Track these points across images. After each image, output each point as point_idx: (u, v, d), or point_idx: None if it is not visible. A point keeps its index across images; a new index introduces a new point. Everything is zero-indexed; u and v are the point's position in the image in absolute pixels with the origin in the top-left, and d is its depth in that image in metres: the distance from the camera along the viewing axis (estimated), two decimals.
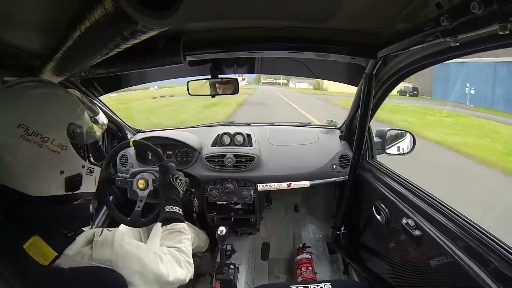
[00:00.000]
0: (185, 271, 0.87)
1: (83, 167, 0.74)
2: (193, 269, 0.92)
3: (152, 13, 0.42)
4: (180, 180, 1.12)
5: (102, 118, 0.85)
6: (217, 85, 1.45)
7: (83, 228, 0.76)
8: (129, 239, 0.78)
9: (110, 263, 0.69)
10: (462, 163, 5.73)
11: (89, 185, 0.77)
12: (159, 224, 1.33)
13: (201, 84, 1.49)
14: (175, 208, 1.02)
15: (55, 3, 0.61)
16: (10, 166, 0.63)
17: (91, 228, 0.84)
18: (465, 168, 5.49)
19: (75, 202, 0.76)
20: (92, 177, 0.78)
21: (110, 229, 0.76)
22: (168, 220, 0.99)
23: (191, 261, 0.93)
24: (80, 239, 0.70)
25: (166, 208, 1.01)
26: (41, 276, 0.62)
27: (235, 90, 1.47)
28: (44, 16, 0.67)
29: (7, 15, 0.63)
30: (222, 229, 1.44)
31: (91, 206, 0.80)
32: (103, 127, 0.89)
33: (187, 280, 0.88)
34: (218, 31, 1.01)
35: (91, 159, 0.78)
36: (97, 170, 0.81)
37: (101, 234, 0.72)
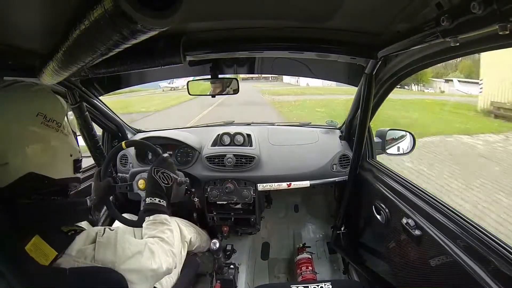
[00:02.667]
0: (171, 260, 0.87)
1: (79, 152, 0.84)
2: (176, 259, 0.92)
3: (152, 13, 0.42)
4: (163, 173, 1.06)
5: None
6: (217, 85, 1.45)
7: (83, 226, 0.77)
8: (129, 237, 0.79)
9: (113, 264, 0.69)
10: None
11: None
12: None
13: (201, 84, 1.49)
14: (155, 199, 1.01)
15: (55, 3, 0.61)
16: (36, 152, 0.69)
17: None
18: None
19: (70, 192, 0.82)
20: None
21: (111, 228, 0.77)
22: (149, 211, 0.98)
23: (175, 250, 0.92)
24: (81, 238, 0.70)
25: (146, 200, 1.01)
26: (42, 277, 0.62)
27: (236, 90, 1.47)
28: (44, 16, 0.67)
29: (7, 15, 0.63)
30: (215, 242, 1.47)
31: (88, 200, 0.82)
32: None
33: (173, 269, 0.89)
34: (218, 31, 1.01)
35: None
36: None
37: (103, 234, 0.73)
